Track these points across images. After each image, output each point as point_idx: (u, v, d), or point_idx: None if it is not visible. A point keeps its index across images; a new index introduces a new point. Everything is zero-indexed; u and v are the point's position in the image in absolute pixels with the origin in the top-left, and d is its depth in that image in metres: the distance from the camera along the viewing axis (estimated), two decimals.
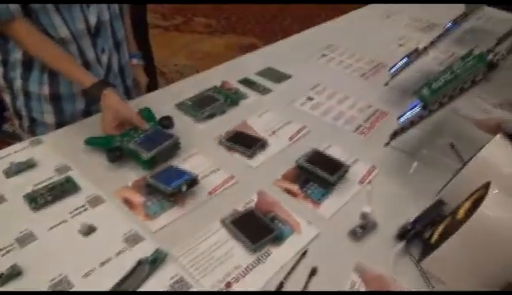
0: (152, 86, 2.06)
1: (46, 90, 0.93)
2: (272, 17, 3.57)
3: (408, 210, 0.72)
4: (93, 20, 0.91)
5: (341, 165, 0.80)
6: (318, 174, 0.78)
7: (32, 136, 0.98)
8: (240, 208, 0.73)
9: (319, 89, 1.11)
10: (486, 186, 0.58)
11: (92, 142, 0.84)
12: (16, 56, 0.90)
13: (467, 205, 0.59)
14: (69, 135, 0.89)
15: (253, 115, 0.98)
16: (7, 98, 0.98)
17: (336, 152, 0.86)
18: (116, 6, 0.99)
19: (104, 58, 0.98)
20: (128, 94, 1.10)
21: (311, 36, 1.44)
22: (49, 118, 0.96)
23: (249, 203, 0.74)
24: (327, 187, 0.78)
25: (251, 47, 3.05)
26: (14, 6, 0.80)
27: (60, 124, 0.97)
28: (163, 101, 1.01)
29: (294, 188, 0.78)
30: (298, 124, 0.96)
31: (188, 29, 3.26)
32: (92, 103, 0.98)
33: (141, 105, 0.96)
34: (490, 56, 0.76)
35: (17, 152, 0.82)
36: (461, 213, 0.59)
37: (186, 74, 2.66)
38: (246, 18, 3.52)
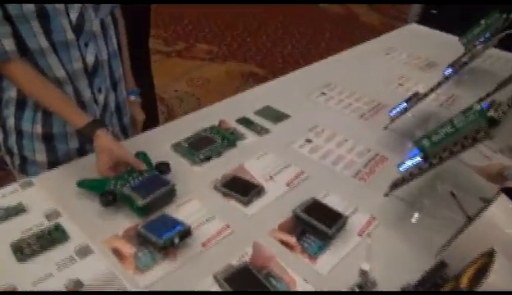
0: (152, 113, 2.07)
1: (39, 129, 0.92)
2: (272, 45, 3.61)
3: (408, 266, 0.70)
4: (90, 59, 0.91)
5: (340, 216, 0.78)
6: (316, 226, 0.75)
7: (23, 174, 0.96)
8: (235, 262, 0.71)
9: (318, 130, 1.10)
10: (490, 254, 0.56)
11: (84, 185, 0.82)
12: (10, 94, 0.89)
13: (470, 272, 0.57)
14: (61, 176, 0.87)
15: (251, 157, 0.97)
16: None
17: (334, 201, 0.84)
18: (115, 45, 0.98)
19: (101, 98, 0.97)
20: (125, 132, 1.09)
21: (310, 73, 1.44)
22: (41, 157, 0.94)
23: (243, 256, 0.72)
24: (325, 239, 0.75)
25: (252, 75, 3.08)
26: (10, 48, 0.80)
27: (52, 163, 0.95)
28: (160, 141, 0.99)
29: (291, 240, 0.76)
30: (296, 168, 0.94)
31: (189, 55, 3.28)
32: (86, 142, 0.96)
33: (137, 144, 0.94)
34: (491, 112, 0.75)
35: (7, 196, 0.80)
36: (464, 281, 0.56)
37: (186, 100, 2.67)
38: (247, 45, 3.56)
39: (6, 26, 0.78)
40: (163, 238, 0.69)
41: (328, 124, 1.12)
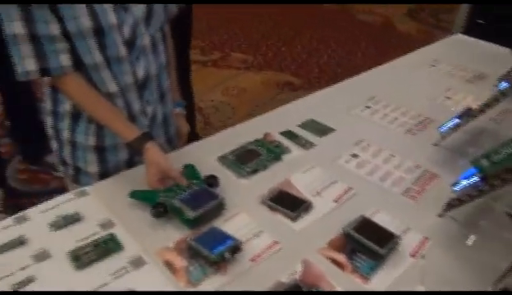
0: (190, 123, 2.10)
1: (91, 141, 0.95)
2: (308, 54, 3.60)
3: (465, 290, 0.67)
4: (141, 73, 0.93)
5: (392, 235, 0.76)
6: (367, 245, 0.74)
7: (75, 184, 1.00)
8: (284, 279, 0.70)
9: (364, 145, 1.08)
10: None
11: (136, 196, 0.84)
12: (65, 107, 0.93)
13: None
14: (113, 186, 0.90)
15: (297, 171, 0.96)
16: (54, 146, 1.00)
17: (384, 219, 0.82)
18: (163, 59, 1.01)
19: (149, 110, 0.99)
20: (170, 143, 1.11)
21: (353, 86, 1.42)
22: (93, 168, 0.98)
23: (292, 274, 0.71)
24: (377, 259, 0.74)
25: (287, 84, 3.08)
26: (66, 63, 0.83)
27: (103, 173, 0.98)
28: (206, 153, 1.01)
29: (341, 258, 0.74)
30: (343, 184, 0.93)
31: (225, 65, 3.32)
32: (135, 154, 0.98)
33: (184, 156, 0.96)
34: None
35: (64, 204, 0.83)
36: None
37: (222, 110, 2.70)
38: (283, 55, 3.56)
39: (63, 42, 0.81)
40: (215, 252, 0.69)
41: (374, 138, 1.10)
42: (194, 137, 2.12)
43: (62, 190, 2.05)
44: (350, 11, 4.78)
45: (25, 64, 0.80)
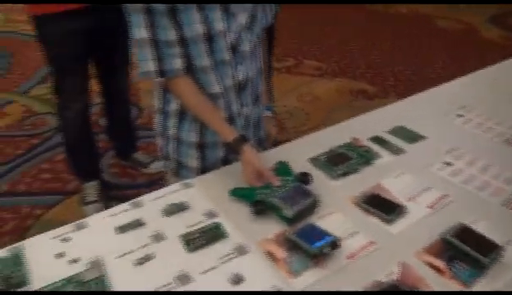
0: None
1: (194, 138, 1.03)
2: (383, 63, 3.53)
3: None
4: (240, 77, 1.00)
5: (495, 245, 0.74)
6: (469, 252, 0.73)
7: (176, 177, 1.09)
8: (382, 278, 0.72)
9: (457, 154, 1.06)
10: None
11: (236, 194, 0.90)
12: (173, 106, 1.02)
13: None
14: (214, 180, 0.97)
15: (388, 176, 0.97)
16: (159, 142, 1.10)
17: (484, 229, 0.80)
18: (259, 64, 1.07)
19: (245, 111, 1.06)
20: (260, 144, 1.17)
21: (441, 94, 1.39)
22: (194, 163, 1.06)
23: (390, 274, 0.73)
24: (479, 268, 0.72)
25: (362, 92, 3.05)
26: (179, 66, 0.91)
27: (202, 169, 1.06)
28: (296, 154, 1.05)
29: (440, 264, 0.74)
30: (438, 191, 0.92)
31: (298, 72, 3.37)
32: (230, 152, 1.06)
33: (275, 157, 1.01)
34: None
35: (172, 194, 0.92)
36: None
37: (296, 115, 2.74)
38: (357, 62, 3.53)
39: (179, 47, 0.90)
40: (315, 246, 0.73)
41: (468, 147, 1.08)
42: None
43: (148, 184, 2.22)
44: (429, 18, 4.61)
45: (146, 65, 0.90)
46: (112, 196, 2.07)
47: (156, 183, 2.15)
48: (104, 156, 2.31)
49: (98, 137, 2.10)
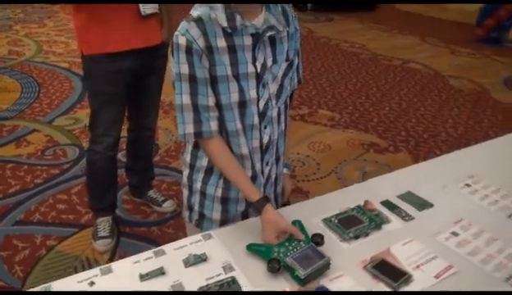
0: None
1: (219, 193, 1.11)
2: (395, 117, 3.62)
3: None
4: (266, 139, 1.09)
5: None
6: None
7: (198, 228, 1.15)
8: None
9: (464, 224, 1.10)
10: None
11: (252, 249, 0.96)
12: (202, 162, 1.10)
13: None
14: (234, 234, 1.03)
15: (397, 243, 1.02)
16: (185, 193, 1.17)
17: None
18: (283, 126, 1.15)
19: (266, 170, 1.13)
20: (276, 201, 1.23)
21: (452, 161, 1.45)
22: (216, 215, 1.13)
23: None
24: None
25: (373, 145, 3.12)
26: (214, 128, 1.00)
27: (223, 221, 1.12)
28: (309, 214, 1.10)
29: None
30: (444, 261, 0.97)
31: (312, 120, 3.47)
32: (254, 212, 1.11)
33: (290, 216, 1.06)
34: None
35: (193, 244, 0.98)
36: None
37: (307, 164, 2.81)
38: (369, 115, 3.63)
39: (215, 112, 1.00)
40: None
41: (474, 218, 1.12)
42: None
43: (158, 223, 2.26)
44: (442, 76, 4.74)
45: (186, 128, 0.99)
46: (123, 232, 2.13)
47: (167, 222, 2.21)
48: (119, 191, 2.38)
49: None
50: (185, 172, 1.15)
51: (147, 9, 1.73)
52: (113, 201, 2.11)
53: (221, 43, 0.96)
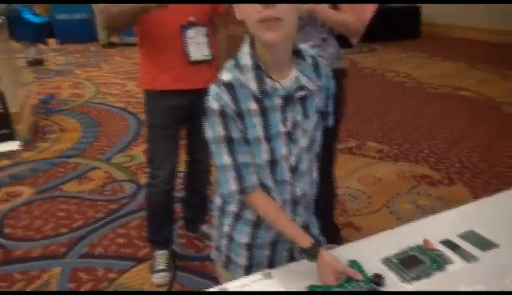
0: (329, 212, 2.21)
1: (245, 239, 1.13)
2: (448, 147, 3.51)
3: None
4: (299, 192, 1.10)
5: None
6: None
7: (225, 269, 1.19)
8: None
9: None
10: None
11: (314, 290, 0.97)
12: (231, 207, 1.14)
13: None
14: (292, 273, 1.05)
15: (461, 285, 0.99)
16: (214, 234, 1.22)
17: None
18: (314, 176, 1.15)
19: (298, 220, 1.13)
20: None
21: None
22: (242, 260, 1.15)
23: None
24: None
25: (424, 178, 3.03)
26: (255, 182, 1.03)
27: (248, 266, 1.15)
28: (367, 253, 1.10)
29: None
30: None
31: (360, 153, 3.44)
32: (275, 252, 1.15)
33: (346, 256, 1.07)
34: None
35: (253, 283, 1.01)
36: None
37: (358, 198, 2.77)
38: (420, 146, 3.55)
39: (254, 166, 1.03)
40: None
41: None
42: (331, 226, 2.23)
43: (210, 259, 2.32)
44: (496, 103, 4.57)
45: (229, 186, 1.03)
46: (178, 266, 2.20)
47: None
48: (174, 225, 2.48)
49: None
50: (215, 214, 1.19)
51: (195, 55, 1.86)
52: (170, 235, 2.20)
53: (252, 106, 0.99)
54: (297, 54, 1.03)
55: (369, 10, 1.98)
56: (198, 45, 1.85)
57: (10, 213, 2.67)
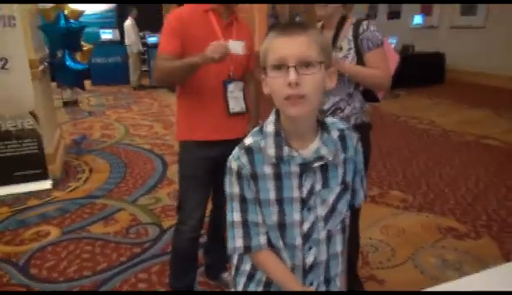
0: (352, 264, 2.19)
1: None
2: (474, 199, 3.43)
3: None
4: (310, 260, 1.09)
5: None
6: None
7: None
8: None
9: None
10: None
11: None
12: (246, 267, 1.16)
13: None
14: None
15: None
16: (232, 288, 1.23)
17: None
18: (338, 248, 1.13)
19: (311, 289, 1.12)
20: None
21: None
22: None
23: None
24: None
25: (451, 230, 2.96)
26: (263, 242, 1.07)
27: None
28: None
29: None
30: None
31: (383, 202, 3.40)
32: None
33: None
34: None
35: None
36: None
37: (381, 250, 2.72)
38: (445, 196, 3.48)
39: (264, 228, 1.08)
40: None
41: None
42: (353, 279, 2.19)
43: None
44: None
45: (236, 242, 1.07)
46: None
47: None
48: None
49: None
50: (233, 272, 1.21)
51: (235, 108, 1.95)
52: (192, 284, 2.21)
53: (268, 170, 1.04)
54: (322, 126, 1.07)
55: (392, 62, 2.05)
56: (236, 99, 1.95)
57: (37, 253, 2.75)
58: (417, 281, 2.37)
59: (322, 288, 1.14)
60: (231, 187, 1.06)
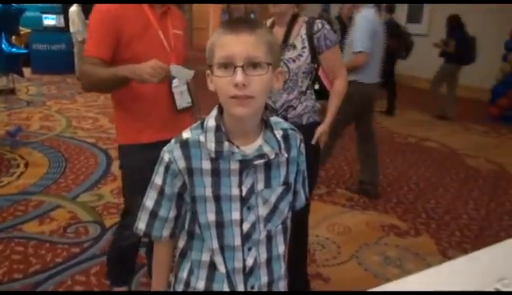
0: (301, 262, 2.19)
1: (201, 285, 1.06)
2: (415, 198, 3.59)
3: None
4: (250, 261, 1.04)
5: None
6: None
7: None
8: None
9: None
10: None
11: None
12: (183, 274, 1.08)
13: None
14: None
15: None
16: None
17: None
18: (280, 250, 1.09)
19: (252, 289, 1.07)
20: None
21: (478, 261, 1.42)
22: None
23: None
24: None
25: (393, 228, 3.07)
26: (165, 234, 1.07)
27: None
28: None
29: None
30: None
31: (331, 200, 3.47)
32: None
33: None
34: None
35: None
36: None
37: (327, 247, 2.76)
38: (388, 196, 3.61)
39: (171, 223, 1.08)
40: None
41: None
42: (301, 278, 2.19)
43: None
44: (458, 155, 4.76)
45: (139, 224, 1.09)
46: None
47: None
48: (137, 273, 2.37)
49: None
50: (172, 278, 1.14)
51: (182, 103, 1.84)
52: (129, 279, 2.14)
53: (206, 165, 0.99)
54: (266, 124, 1.04)
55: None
56: (181, 93, 1.84)
57: None
58: (361, 278, 2.42)
59: (265, 289, 1.09)
60: (156, 175, 1.06)
